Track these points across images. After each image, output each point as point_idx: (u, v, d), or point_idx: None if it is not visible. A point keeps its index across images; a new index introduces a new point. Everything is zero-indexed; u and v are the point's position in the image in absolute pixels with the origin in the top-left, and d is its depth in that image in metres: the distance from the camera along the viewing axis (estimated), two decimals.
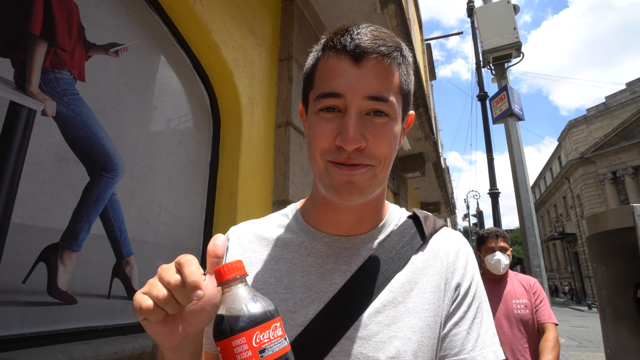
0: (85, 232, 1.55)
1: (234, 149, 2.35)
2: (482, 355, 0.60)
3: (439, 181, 8.70)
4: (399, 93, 0.60)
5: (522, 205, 5.44)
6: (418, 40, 10.89)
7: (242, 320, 0.41)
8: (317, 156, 0.60)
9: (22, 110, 1.36)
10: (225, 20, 2.28)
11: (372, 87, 0.56)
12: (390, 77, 0.58)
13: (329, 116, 0.58)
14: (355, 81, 0.56)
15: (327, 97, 0.57)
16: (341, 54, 0.57)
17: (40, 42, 1.44)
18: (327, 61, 0.59)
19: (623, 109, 25.43)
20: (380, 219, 0.70)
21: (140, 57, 1.91)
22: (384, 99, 0.56)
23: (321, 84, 0.59)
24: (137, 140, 1.83)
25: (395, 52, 0.58)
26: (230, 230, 0.76)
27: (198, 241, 2.18)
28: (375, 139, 0.57)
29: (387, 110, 0.57)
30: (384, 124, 0.58)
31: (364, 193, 0.59)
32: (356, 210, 0.66)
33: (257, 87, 2.56)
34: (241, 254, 0.71)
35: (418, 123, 5.62)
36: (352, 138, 0.54)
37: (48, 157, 1.43)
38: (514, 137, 5.77)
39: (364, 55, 0.56)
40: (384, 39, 0.58)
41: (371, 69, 0.56)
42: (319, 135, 0.58)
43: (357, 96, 0.56)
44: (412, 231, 0.70)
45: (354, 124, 0.55)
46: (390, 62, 0.57)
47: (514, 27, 6.15)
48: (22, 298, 1.32)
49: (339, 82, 0.56)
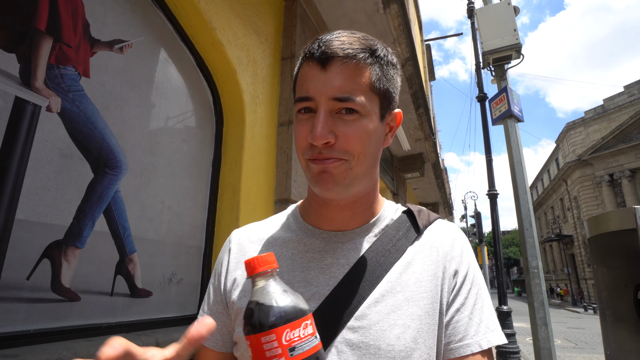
0: (89, 229, 1.54)
1: (236, 147, 2.34)
2: (486, 339, 0.63)
3: (438, 182, 8.72)
4: (370, 92, 0.63)
5: (520, 206, 5.46)
6: (418, 40, 10.90)
7: (272, 316, 0.40)
8: (300, 155, 0.66)
9: (27, 106, 1.35)
10: (229, 18, 2.28)
11: (337, 88, 0.60)
12: (357, 78, 0.61)
13: (305, 117, 0.64)
14: (322, 84, 0.61)
15: (302, 101, 0.63)
16: (311, 61, 0.63)
17: (46, 38, 1.44)
18: (302, 69, 0.66)
19: (621, 112, 25.55)
20: (374, 214, 0.73)
21: (145, 54, 1.90)
22: (349, 99, 0.60)
23: (299, 90, 0.66)
24: (140, 138, 1.83)
25: (362, 54, 0.62)
26: (232, 234, 0.81)
27: (200, 239, 2.18)
28: (345, 135, 0.61)
29: (356, 108, 0.61)
30: (353, 120, 0.62)
31: (340, 184, 0.63)
32: (347, 207, 0.70)
33: (260, 86, 2.56)
34: (242, 254, 0.74)
35: (418, 123, 5.63)
36: (319, 134, 0.59)
37: (52, 153, 1.43)
38: (513, 139, 5.79)
39: (329, 59, 0.61)
40: (352, 42, 0.62)
41: (336, 71, 0.61)
42: (298, 135, 0.65)
43: (323, 97, 0.61)
44: (407, 225, 0.73)
45: (322, 121, 0.60)
46: (357, 62, 0.61)
47: (515, 28, 6.16)
48: (26, 295, 1.31)
49: (309, 86, 0.62)
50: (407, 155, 6.98)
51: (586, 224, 2.45)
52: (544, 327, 4.59)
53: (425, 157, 7.03)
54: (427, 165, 7.38)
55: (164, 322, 1.82)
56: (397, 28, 3.51)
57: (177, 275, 1.98)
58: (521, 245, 5.28)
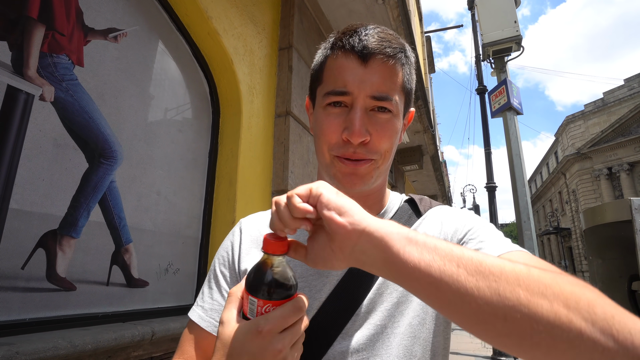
0: (84, 219, 1.54)
1: (233, 138, 2.33)
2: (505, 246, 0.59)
3: (437, 174, 8.73)
4: (401, 92, 0.64)
5: (519, 199, 5.47)
6: (418, 32, 10.82)
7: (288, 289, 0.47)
8: (325, 150, 0.64)
9: (19, 95, 1.34)
10: (225, 8, 2.25)
11: (377, 86, 0.60)
12: (394, 77, 0.62)
13: (336, 111, 0.63)
14: (362, 80, 0.60)
15: (336, 95, 0.62)
16: (349, 54, 0.61)
17: (38, 26, 1.42)
18: (335, 60, 0.63)
19: (621, 105, 25.48)
20: (383, 206, 0.74)
21: (140, 43, 1.88)
22: (387, 98, 0.61)
23: (330, 81, 0.63)
24: (136, 128, 1.82)
25: (400, 54, 0.62)
26: (241, 223, 0.79)
27: (197, 230, 2.18)
28: (378, 134, 0.61)
29: (390, 108, 0.62)
30: (387, 120, 0.62)
31: (367, 183, 0.64)
32: (360, 200, 0.69)
33: (257, 76, 2.54)
34: (255, 244, 0.74)
35: (417, 116, 5.61)
36: (358, 132, 0.59)
37: (46, 142, 1.42)
38: (512, 131, 5.78)
39: (370, 55, 0.60)
40: (390, 40, 0.62)
41: (377, 69, 0.60)
42: (327, 129, 0.63)
43: (362, 94, 0.60)
44: (409, 212, 0.74)
45: (360, 118, 0.60)
46: (395, 62, 0.61)
47: (515, 20, 6.11)
48: (21, 284, 1.31)
49: (347, 80, 0.61)
50: (405, 148, 6.97)
51: (582, 215, 2.46)
52: None
53: (424, 149, 7.02)
54: (425, 158, 7.37)
55: (160, 311, 1.83)
56: (396, 19, 3.48)
57: (174, 265, 1.98)
58: (519, 238, 5.30)
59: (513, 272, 0.40)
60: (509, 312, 0.37)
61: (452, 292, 0.39)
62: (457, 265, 0.39)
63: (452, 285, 0.39)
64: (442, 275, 0.39)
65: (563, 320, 0.37)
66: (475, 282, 0.38)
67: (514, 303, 0.38)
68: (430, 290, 0.40)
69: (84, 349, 1.28)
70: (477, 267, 0.39)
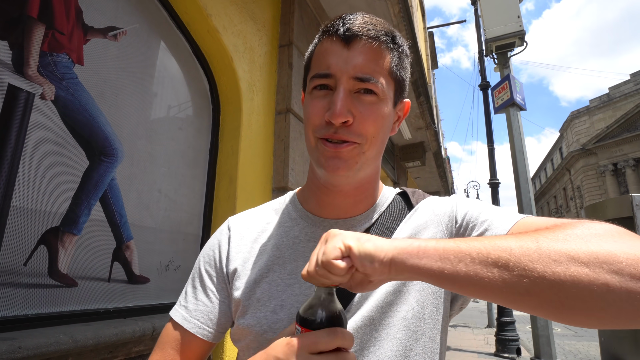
0: (85, 216, 1.56)
1: (233, 135, 2.34)
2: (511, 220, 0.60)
3: (439, 171, 8.70)
4: (389, 76, 0.63)
5: (521, 195, 5.45)
6: (420, 28, 10.76)
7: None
8: (310, 133, 0.64)
9: (20, 94, 1.35)
10: (224, 5, 2.26)
11: (360, 67, 0.60)
12: (379, 60, 0.61)
13: (321, 94, 0.62)
14: (345, 62, 0.60)
15: (320, 78, 0.62)
16: (333, 37, 0.62)
17: (38, 25, 1.43)
18: (322, 45, 0.64)
19: (627, 100, 25.23)
20: (375, 199, 0.73)
21: (139, 41, 1.89)
22: (371, 79, 0.60)
23: (315, 66, 0.64)
24: (136, 126, 1.83)
25: (384, 37, 0.62)
26: (229, 221, 0.77)
27: (197, 227, 2.19)
28: (362, 115, 0.60)
29: (375, 90, 0.61)
30: (371, 102, 0.61)
31: (351, 168, 0.62)
32: (350, 193, 0.69)
33: (257, 73, 2.54)
34: (243, 243, 0.73)
35: (419, 112, 5.60)
36: (339, 112, 0.58)
37: (47, 140, 1.43)
38: (515, 127, 5.74)
39: (354, 37, 0.60)
40: (375, 24, 0.62)
41: (360, 50, 0.60)
42: (311, 112, 0.63)
43: (345, 75, 0.60)
44: (401, 205, 0.74)
45: (342, 99, 0.59)
46: (379, 45, 0.61)
47: (518, 15, 6.06)
48: (24, 280, 1.33)
49: (330, 63, 0.61)
50: (408, 144, 6.95)
51: (584, 212, 2.45)
52: None
53: (427, 146, 7.00)
54: (428, 154, 7.35)
55: (161, 307, 1.85)
56: (397, 14, 3.47)
57: (175, 262, 2.00)
58: None
59: (521, 250, 0.42)
60: (531, 287, 0.40)
61: (474, 287, 0.43)
62: (472, 262, 0.43)
63: (472, 281, 0.43)
64: (458, 273, 0.43)
65: (584, 280, 0.38)
66: (490, 273, 0.42)
67: (532, 279, 0.40)
68: (456, 288, 0.45)
69: (85, 344, 1.30)
70: (486, 258, 0.43)
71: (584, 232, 0.43)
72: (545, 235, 0.44)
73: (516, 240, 0.44)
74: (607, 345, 2.23)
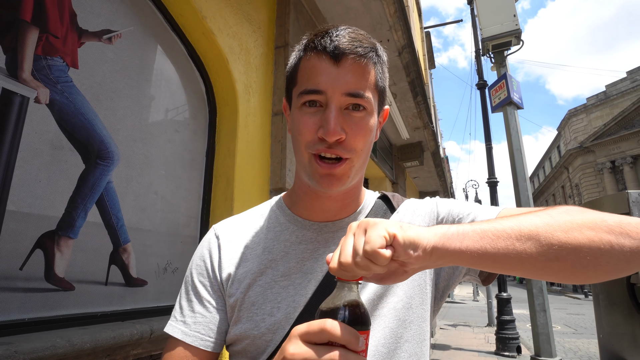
0: (82, 219, 1.55)
1: (230, 137, 2.34)
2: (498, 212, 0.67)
3: (438, 170, 8.71)
4: (374, 89, 0.66)
5: (520, 194, 5.45)
6: (417, 28, 10.78)
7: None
8: (303, 149, 0.66)
9: (14, 98, 1.35)
10: (219, 7, 2.26)
11: (350, 84, 0.62)
12: (367, 75, 0.64)
13: (312, 110, 0.64)
14: (335, 79, 0.62)
15: (310, 94, 0.63)
16: (321, 54, 0.63)
17: (31, 29, 1.43)
18: (309, 60, 0.65)
19: (623, 98, 25.29)
20: (359, 204, 0.77)
21: (134, 44, 1.89)
22: (361, 95, 0.63)
23: (304, 82, 0.65)
24: (132, 128, 1.83)
25: (370, 53, 0.64)
26: (216, 229, 0.78)
27: (195, 229, 2.19)
28: (353, 132, 0.63)
29: (364, 105, 0.64)
30: (361, 117, 0.64)
31: (344, 183, 0.66)
32: (338, 198, 0.73)
33: (253, 75, 2.54)
34: (234, 249, 0.73)
35: (417, 112, 5.60)
36: (333, 130, 0.61)
37: (43, 144, 1.43)
38: (513, 126, 5.75)
39: (342, 55, 0.62)
40: (361, 40, 0.64)
41: (349, 68, 0.62)
42: (303, 128, 0.65)
43: (336, 92, 0.62)
44: (384, 208, 0.78)
45: (335, 117, 0.61)
46: (367, 61, 0.64)
47: (514, 14, 6.08)
48: (20, 284, 1.33)
49: (320, 80, 0.63)
50: (406, 144, 6.95)
51: None
52: (542, 313, 4.63)
53: (425, 145, 7.00)
54: (426, 154, 7.35)
55: (159, 310, 1.84)
56: (393, 15, 3.47)
57: (172, 264, 2.00)
58: None
59: (543, 222, 0.49)
60: (559, 253, 0.47)
61: (513, 261, 0.48)
62: (508, 238, 0.48)
63: (510, 254, 0.48)
64: (499, 250, 0.48)
65: (596, 241, 0.47)
66: (526, 245, 0.48)
67: (559, 245, 0.47)
68: (496, 265, 0.49)
69: (82, 347, 1.30)
70: (519, 233, 0.48)
71: (569, 209, 0.52)
72: (550, 212, 0.52)
73: (534, 217, 0.50)
74: (605, 342, 2.23)
